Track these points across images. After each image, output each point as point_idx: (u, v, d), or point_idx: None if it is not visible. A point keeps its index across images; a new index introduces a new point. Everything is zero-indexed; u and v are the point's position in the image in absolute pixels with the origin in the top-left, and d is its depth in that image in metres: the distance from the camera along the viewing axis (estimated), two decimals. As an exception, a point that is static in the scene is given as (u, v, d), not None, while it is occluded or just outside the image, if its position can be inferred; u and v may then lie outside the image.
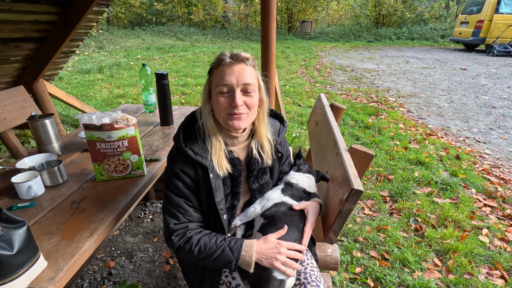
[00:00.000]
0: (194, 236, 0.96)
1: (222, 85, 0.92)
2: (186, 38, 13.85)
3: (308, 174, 1.16)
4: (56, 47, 2.70)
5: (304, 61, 9.19)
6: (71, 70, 7.35)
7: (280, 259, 0.92)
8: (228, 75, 0.92)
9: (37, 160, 1.36)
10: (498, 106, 4.91)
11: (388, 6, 15.69)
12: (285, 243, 0.94)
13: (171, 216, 0.98)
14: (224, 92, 0.93)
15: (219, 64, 0.94)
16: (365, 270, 1.86)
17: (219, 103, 0.94)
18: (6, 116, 2.07)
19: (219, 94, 0.94)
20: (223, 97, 0.94)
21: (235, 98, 0.92)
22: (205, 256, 0.94)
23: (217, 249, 0.93)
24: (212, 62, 0.97)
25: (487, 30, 9.68)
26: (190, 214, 0.99)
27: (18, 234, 0.77)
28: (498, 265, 1.88)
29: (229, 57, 0.93)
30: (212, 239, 0.95)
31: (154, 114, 2.16)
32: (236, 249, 0.93)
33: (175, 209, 0.98)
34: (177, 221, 0.98)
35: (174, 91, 5.76)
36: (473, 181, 2.77)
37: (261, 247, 0.93)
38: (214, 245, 0.93)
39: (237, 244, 0.93)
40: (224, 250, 0.93)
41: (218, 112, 0.96)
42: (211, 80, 0.97)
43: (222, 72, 0.93)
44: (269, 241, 0.94)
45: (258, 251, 0.93)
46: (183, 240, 0.96)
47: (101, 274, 1.85)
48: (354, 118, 4.34)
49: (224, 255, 0.92)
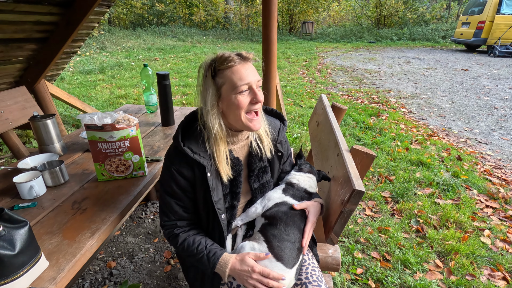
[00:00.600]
0: (181, 234, 1.02)
1: (243, 85, 0.92)
2: (187, 39, 13.88)
3: (309, 174, 1.16)
4: (58, 47, 2.71)
5: (305, 61, 9.19)
6: (73, 71, 7.37)
7: (251, 283, 0.93)
8: (246, 74, 0.92)
9: (39, 160, 1.37)
10: (499, 107, 4.89)
11: (389, 7, 15.68)
12: (259, 269, 0.92)
13: (162, 213, 1.03)
14: (243, 91, 0.93)
15: (229, 65, 0.92)
16: (366, 271, 1.86)
17: (240, 103, 0.93)
18: (8, 116, 2.08)
19: (238, 95, 0.92)
20: (243, 97, 0.93)
21: (257, 95, 0.94)
22: (187, 255, 1.01)
23: (196, 255, 0.98)
24: (215, 64, 0.93)
25: (489, 31, 9.66)
26: (179, 214, 1.02)
27: (19, 234, 0.77)
28: (500, 267, 1.88)
29: (238, 57, 0.93)
30: (195, 243, 0.99)
31: (155, 115, 2.17)
32: (212, 261, 0.96)
33: (166, 208, 1.02)
34: (167, 219, 1.03)
35: (175, 92, 5.77)
36: (475, 182, 2.76)
37: (235, 266, 0.95)
38: (195, 250, 0.98)
39: (214, 257, 0.97)
40: (202, 258, 0.97)
41: (236, 113, 0.94)
42: (221, 82, 0.93)
43: (238, 72, 0.92)
44: (244, 263, 0.94)
45: (231, 269, 0.95)
46: (171, 236, 1.03)
47: (102, 274, 1.85)
48: (355, 118, 4.34)
49: (202, 262, 0.97)
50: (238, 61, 0.92)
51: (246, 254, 0.96)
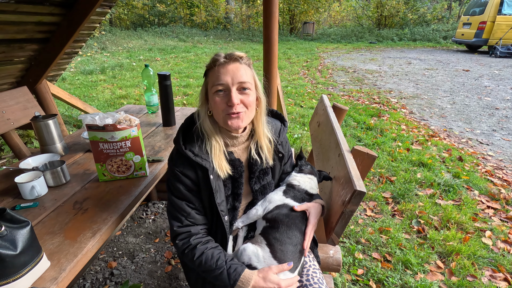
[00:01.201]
0: (198, 246, 0.96)
1: (217, 85, 0.93)
2: (188, 39, 13.89)
3: (310, 175, 1.16)
4: (59, 48, 2.71)
5: (306, 62, 9.18)
6: (74, 71, 7.39)
7: None
8: (223, 75, 0.92)
9: (40, 161, 1.37)
10: (501, 108, 4.88)
11: (390, 7, 15.67)
12: (285, 284, 0.91)
13: (174, 219, 0.99)
14: (220, 91, 0.94)
15: (214, 64, 0.94)
16: (367, 272, 1.86)
17: (216, 104, 0.94)
18: (9, 117, 2.09)
19: (215, 94, 0.94)
20: (219, 97, 0.94)
21: (231, 97, 0.92)
22: (204, 270, 0.95)
23: (216, 270, 0.93)
24: (207, 64, 0.97)
25: (490, 31, 9.64)
26: (192, 216, 0.99)
27: (21, 234, 0.77)
28: (501, 268, 1.87)
29: (223, 57, 0.94)
30: (214, 257, 0.94)
31: (157, 115, 2.17)
32: (233, 277, 0.91)
33: (177, 212, 0.98)
34: (180, 224, 0.98)
35: (176, 92, 5.77)
36: (476, 182, 2.75)
37: (258, 284, 0.90)
38: (214, 264, 0.93)
39: (235, 272, 0.91)
40: (222, 274, 0.92)
41: (216, 113, 0.97)
42: (207, 81, 0.97)
43: (217, 72, 0.93)
44: (269, 280, 0.90)
45: (254, 287, 0.90)
46: (187, 247, 0.96)
47: (103, 274, 1.85)
48: (356, 119, 4.34)
49: (221, 278, 0.92)
50: (222, 61, 0.93)
51: (268, 269, 0.92)
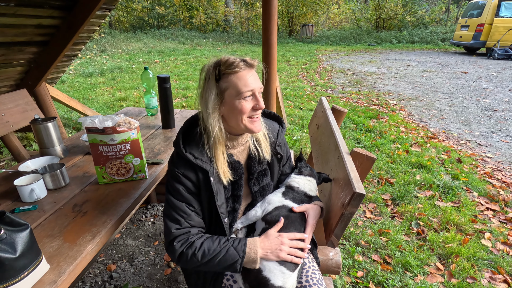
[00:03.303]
0: (196, 240, 0.95)
1: (247, 91, 0.93)
2: (188, 42, 13.93)
3: (309, 177, 1.16)
4: (59, 50, 2.71)
5: (305, 64, 9.21)
6: (73, 74, 7.39)
7: (285, 250, 0.95)
8: (251, 81, 0.94)
9: (40, 163, 1.37)
10: (499, 110, 4.90)
11: (389, 9, 15.75)
12: (285, 234, 0.98)
13: (172, 221, 0.97)
14: (247, 97, 0.94)
15: (235, 70, 0.92)
16: (367, 274, 1.85)
17: (243, 108, 0.94)
18: (8, 119, 2.08)
19: (242, 100, 0.94)
20: (246, 102, 0.95)
21: (259, 102, 0.97)
22: (209, 259, 0.93)
23: (222, 250, 0.93)
24: (225, 67, 0.92)
25: (488, 33, 9.70)
26: (192, 218, 0.98)
27: (21, 237, 0.77)
28: (501, 269, 1.87)
29: (243, 64, 0.93)
30: (215, 241, 0.96)
31: (156, 117, 2.17)
32: (240, 248, 0.94)
33: (176, 214, 0.97)
34: (179, 226, 0.96)
35: (175, 94, 5.78)
36: (475, 184, 2.76)
37: (264, 242, 0.97)
38: (218, 247, 0.94)
39: (241, 243, 0.95)
40: (229, 251, 0.93)
41: (237, 117, 0.95)
42: (225, 87, 0.93)
43: (243, 78, 0.93)
44: (271, 235, 0.98)
45: (262, 247, 0.95)
46: (185, 246, 0.94)
47: (102, 277, 1.84)
48: (355, 121, 4.35)
49: (229, 255, 0.93)
50: (244, 67, 0.93)
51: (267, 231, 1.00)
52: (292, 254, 0.96)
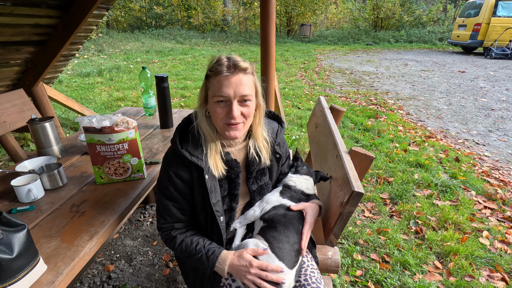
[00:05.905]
0: (178, 236, 1.02)
1: (219, 96, 0.91)
2: (186, 42, 13.90)
3: (306, 175, 1.16)
4: (56, 50, 2.70)
5: (303, 64, 9.21)
6: (71, 73, 7.36)
7: (249, 278, 0.93)
8: (226, 87, 0.90)
9: (37, 163, 1.36)
10: (496, 109, 4.92)
11: (387, 9, 15.79)
12: (256, 263, 0.93)
13: (159, 215, 1.04)
14: (221, 102, 0.93)
15: (216, 73, 0.91)
16: (365, 273, 1.86)
17: (216, 113, 0.94)
18: (5, 119, 2.07)
19: (216, 104, 0.93)
20: (220, 108, 0.93)
21: (232, 111, 0.91)
22: (186, 256, 1.01)
23: (195, 254, 0.99)
24: (209, 68, 0.94)
25: (485, 33, 9.75)
26: (176, 216, 1.02)
27: (18, 238, 0.76)
28: (499, 268, 1.88)
29: (227, 67, 0.90)
30: (193, 243, 1.00)
31: (154, 117, 2.17)
32: (211, 259, 0.97)
33: (163, 210, 1.02)
34: (164, 221, 1.03)
35: (173, 94, 5.77)
36: (473, 183, 2.77)
37: (233, 261, 0.96)
38: (193, 250, 0.99)
39: (213, 255, 0.98)
40: (201, 257, 0.98)
41: (215, 119, 0.97)
42: (208, 86, 0.95)
43: (219, 82, 0.91)
44: (242, 258, 0.95)
45: (230, 265, 0.96)
46: (168, 238, 1.03)
47: (101, 278, 1.83)
48: (353, 120, 4.35)
49: (201, 261, 0.98)
50: (226, 72, 0.90)
51: (244, 250, 0.97)
52: (256, 284, 0.92)
